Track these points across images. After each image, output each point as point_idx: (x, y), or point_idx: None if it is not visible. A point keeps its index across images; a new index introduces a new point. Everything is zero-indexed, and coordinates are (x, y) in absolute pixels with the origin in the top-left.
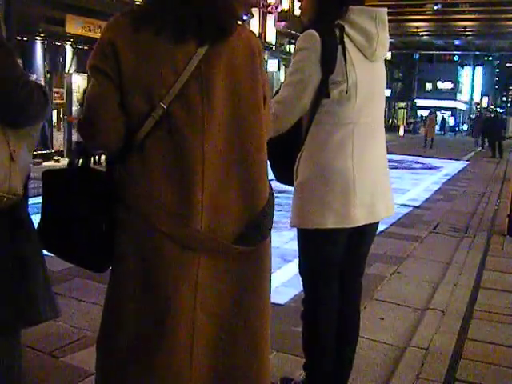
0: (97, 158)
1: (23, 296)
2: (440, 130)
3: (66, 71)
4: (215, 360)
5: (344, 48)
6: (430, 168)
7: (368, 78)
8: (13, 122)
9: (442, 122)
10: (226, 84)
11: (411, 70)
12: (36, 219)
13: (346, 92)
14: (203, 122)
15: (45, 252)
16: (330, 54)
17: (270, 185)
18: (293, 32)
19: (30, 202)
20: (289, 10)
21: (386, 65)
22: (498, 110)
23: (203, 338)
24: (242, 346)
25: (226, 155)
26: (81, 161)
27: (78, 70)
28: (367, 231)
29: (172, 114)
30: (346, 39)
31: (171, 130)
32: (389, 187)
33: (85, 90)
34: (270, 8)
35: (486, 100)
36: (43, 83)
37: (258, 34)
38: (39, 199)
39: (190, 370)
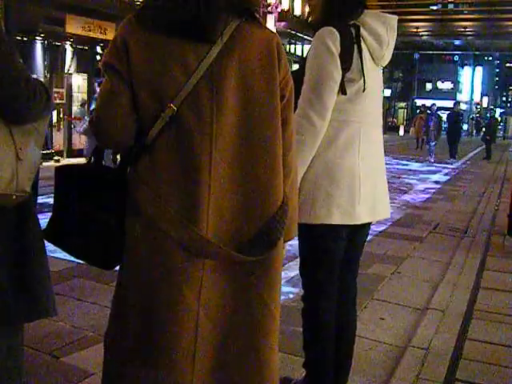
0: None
1: (27, 292)
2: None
3: (66, 71)
4: (218, 367)
5: (360, 47)
6: (429, 169)
7: (373, 80)
8: (17, 119)
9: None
10: (238, 86)
11: (411, 70)
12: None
13: (364, 89)
14: (212, 126)
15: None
16: (348, 51)
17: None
18: (293, 32)
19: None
20: (289, 9)
21: (385, 65)
22: (497, 109)
23: (207, 345)
24: (247, 354)
25: (235, 160)
26: (93, 158)
27: (78, 70)
28: (362, 231)
29: (181, 116)
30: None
31: (180, 132)
32: (386, 190)
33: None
34: (269, 8)
35: (486, 100)
36: None
37: None
38: (41, 198)
39: (191, 375)
